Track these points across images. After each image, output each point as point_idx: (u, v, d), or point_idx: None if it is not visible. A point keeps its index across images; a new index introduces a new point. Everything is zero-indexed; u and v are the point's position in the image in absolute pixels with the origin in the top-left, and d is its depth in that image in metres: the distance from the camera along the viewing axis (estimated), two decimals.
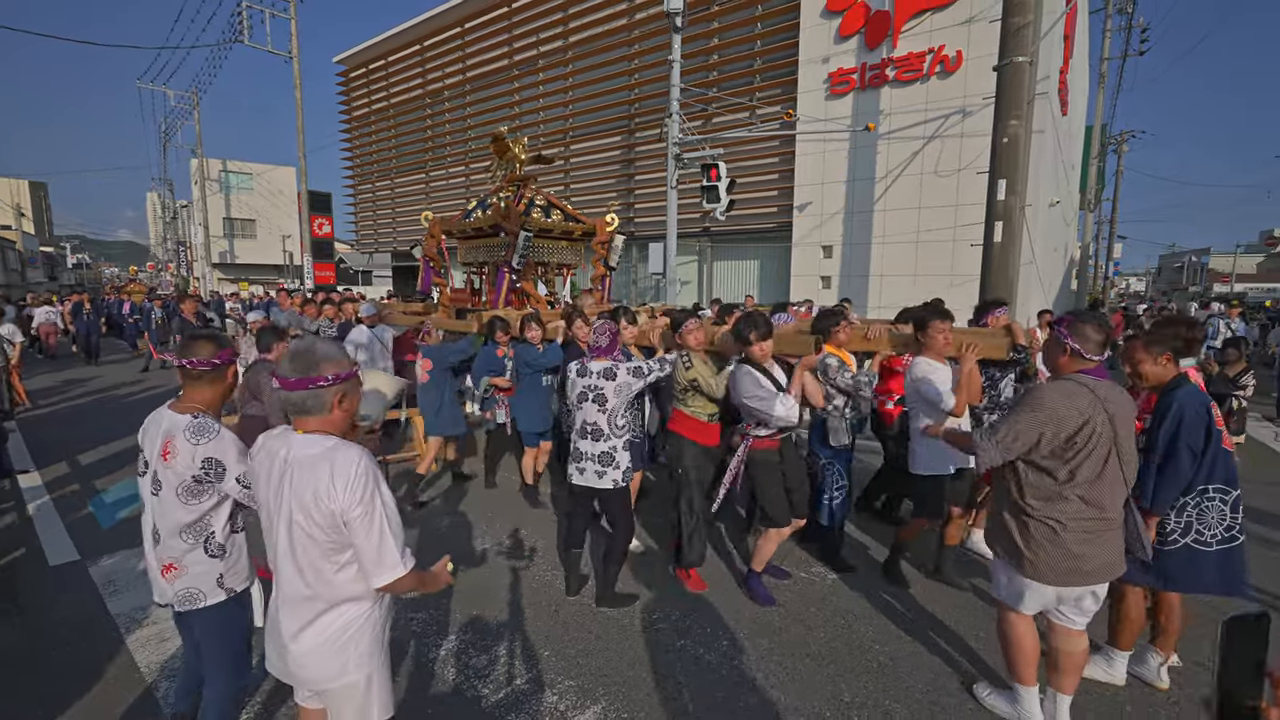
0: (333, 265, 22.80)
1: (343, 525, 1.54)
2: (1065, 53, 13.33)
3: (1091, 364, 2.29)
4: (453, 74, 20.60)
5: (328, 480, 1.52)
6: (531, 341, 4.86)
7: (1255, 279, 43.60)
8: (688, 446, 3.62)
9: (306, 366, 1.57)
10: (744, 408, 3.32)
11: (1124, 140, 26.59)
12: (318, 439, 1.59)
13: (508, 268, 6.11)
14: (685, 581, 3.70)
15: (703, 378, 3.51)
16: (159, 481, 1.95)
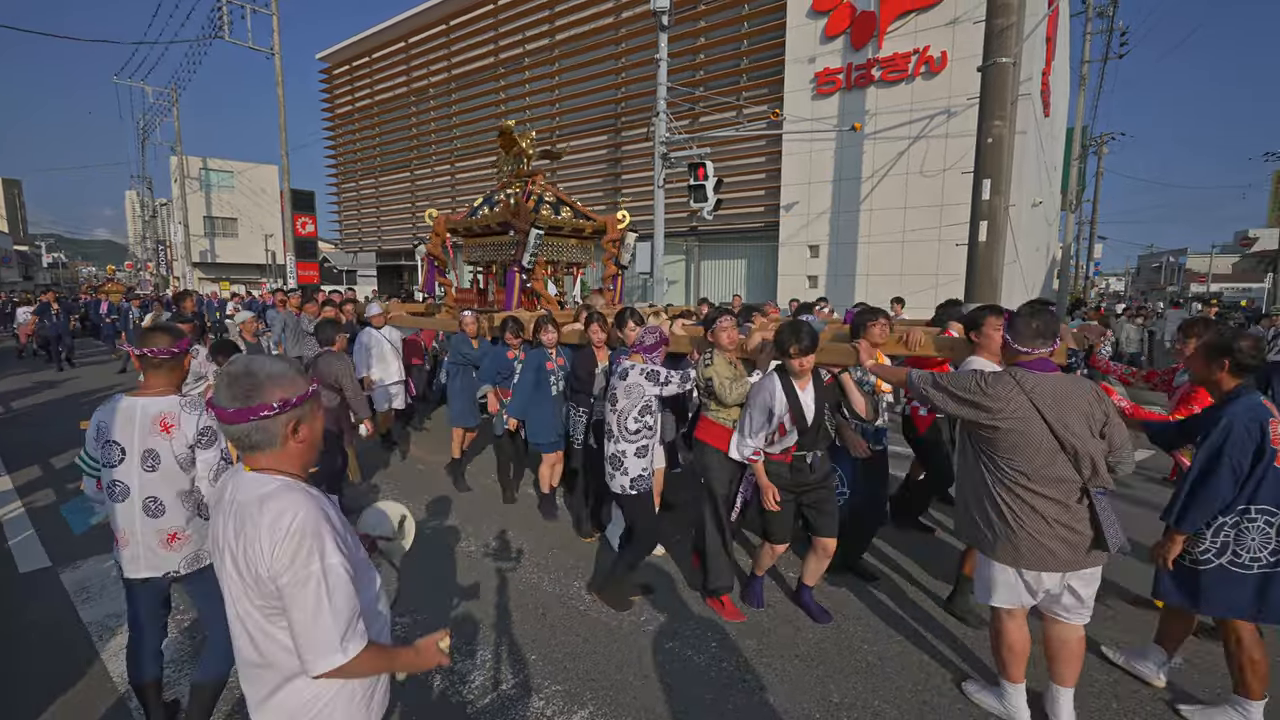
0: (316, 265, 22.49)
1: (274, 592, 1.24)
2: (1047, 55, 13.49)
3: (1028, 356, 2.32)
4: (438, 72, 20.41)
5: (255, 533, 1.23)
6: (547, 345, 4.66)
7: (1230, 279, 44.50)
8: (712, 455, 3.39)
9: (247, 392, 1.25)
10: (745, 413, 3.22)
11: (1104, 142, 27.00)
12: (263, 479, 1.29)
13: (518, 267, 5.89)
14: (719, 611, 3.37)
15: (718, 377, 3.33)
16: (156, 457, 2.18)
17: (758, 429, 3.14)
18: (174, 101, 28.70)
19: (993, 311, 3.17)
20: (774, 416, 3.08)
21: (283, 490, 1.27)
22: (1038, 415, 2.23)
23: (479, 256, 6.75)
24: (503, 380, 4.93)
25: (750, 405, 3.18)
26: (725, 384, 3.32)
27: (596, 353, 4.36)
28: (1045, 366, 2.32)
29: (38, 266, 50.56)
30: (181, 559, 2.27)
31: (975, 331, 3.16)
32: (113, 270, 39.54)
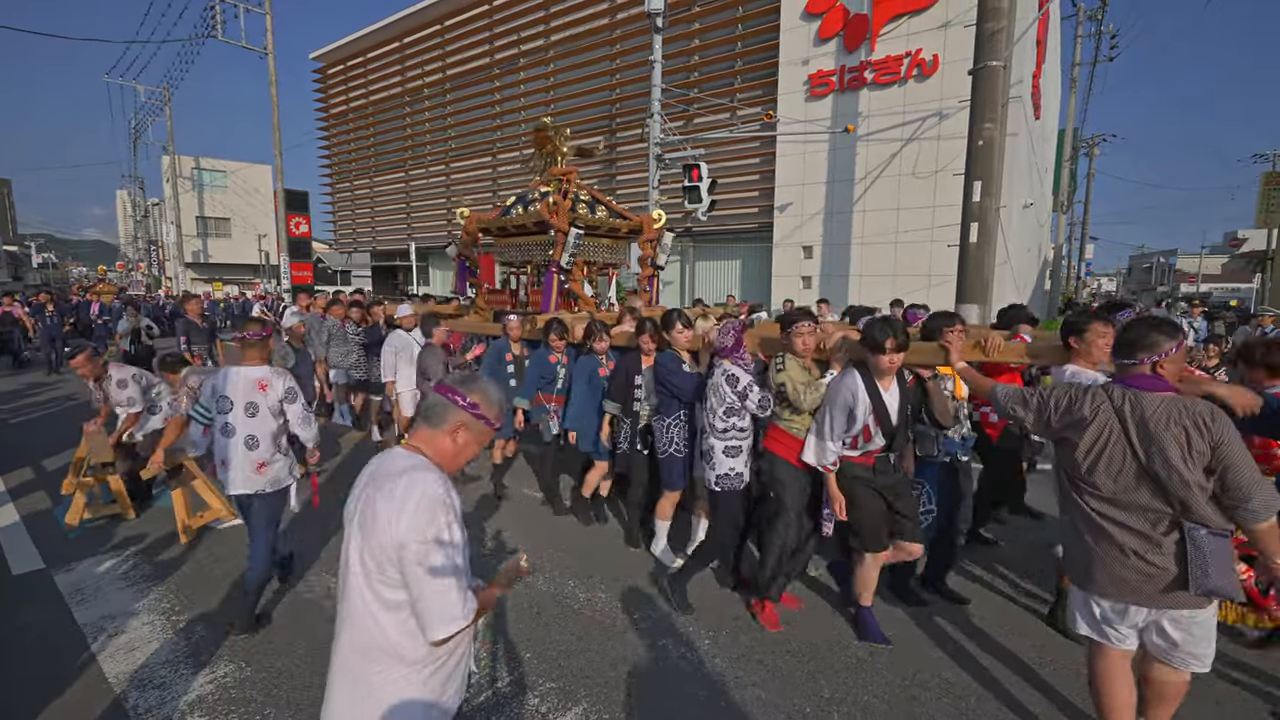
0: (310, 265, 22.41)
1: (396, 559, 1.37)
2: (1038, 58, 13.61)
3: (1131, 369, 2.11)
4: (432, 72, 20.40)
5: (388, 501, 1.37)
6: (599, 352, 4.47)
7: (1220, 279, 44.88)
8: (782, 466, 3.23)
9: (465, 382, 1.53)
10: (821, 412, 3.06)
11: (1095, 144, 27.25)
12: (409, 455, 1.48)
13: (556, 268, 5.71)
14: (758, 614, 3.32)
15: (791, 382, 3.13)
16: (255, 408, 3.19)
17: (839, 432, 2.97)
18: (166, 101, 28.57)
19: (1098, 318, 2.97)
20: (856, 418, 2.92)
21: (421, 467, 1.44)
22: (1122, 436, 2.03)
23: (512, 257, 6.54)
24: (545, 385, 4.77)
25: (828, 406, 3.00)
26: (800, 389, 3.12)
27: (644, 359, 4.16)
28: (1153, 384, 2.04)
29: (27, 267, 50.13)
30: (266, 481, 3.22)
31: (1076, 337, 2.94)
32: (104, 270, 39.24)
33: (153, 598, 3.54)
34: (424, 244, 21.71)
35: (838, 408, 2.95)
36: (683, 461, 3.81)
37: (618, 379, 4.21)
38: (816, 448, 3.08)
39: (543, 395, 4.80)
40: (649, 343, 4.09)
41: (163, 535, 4.36)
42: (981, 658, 3.02)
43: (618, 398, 4.18)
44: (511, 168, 18.78)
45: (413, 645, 1.43)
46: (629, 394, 4.13)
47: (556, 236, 5.64)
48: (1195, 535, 1.95)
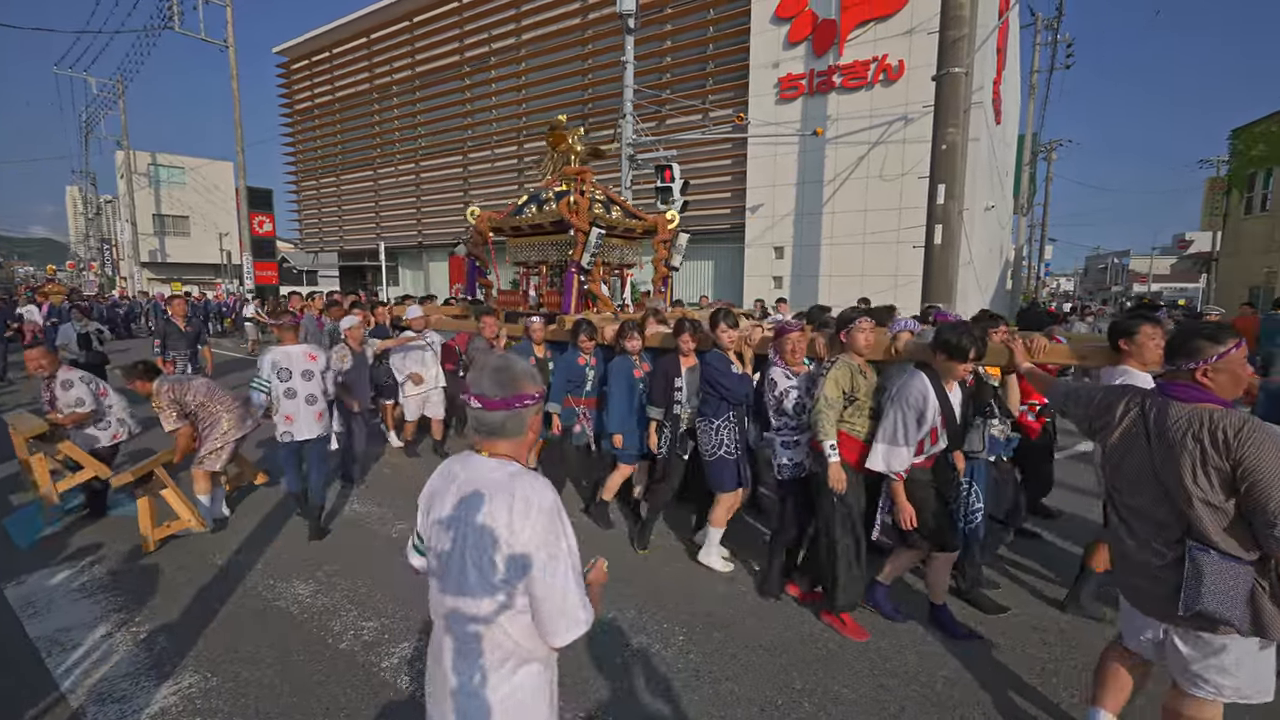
0: (275, 265, 21.87)
1: (521, 569, 1.34)
2: (998, 64, 14.04)
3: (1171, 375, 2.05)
4: (401, 69, 20.08)
5: (507, 514, 1.34)
6: (633, 352, 4.34)
7: (1169, 279, 46.92)
8: (844, 470, 3.16)
9: (511, 382, 1.40)
10: (887, 415, 3.01)
11: (1053, 148, 28.20)
12: (503, 464, 1.41)
13: (576, 268, 5.62)
14: (840, 629, 3.21)
15: (833, 381, 3.12)
16: (309, 374, 4.30)
17: (913, 436, 2.92)
18: (120, 94, 27.52)
19: (1148, 320, 2.93)
20: (925, 421, 2.89)
21: (527, 474, 1.40)
22: (1145, 443, 1.98)
23: (525, 256, 6.39)
24: (574, 388, 4.67)
25: (898, 408, 2.94)
26: (826, 395, 3.11)
27: (683, 360, 4.06)
28: (1186, 392, 1.93)
29: None
30: (322, 427, 4.42)
31: (1126, 339, 2.90)
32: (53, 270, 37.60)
33: (111, 609, 3.43)
34: (393, 244, 21.36)
35: (910, 411, 2.90)
36: (734, 463, 3.73)
37: (657, 382, 4.07)
38: (886, 454, 2.98)
39: (572, 398, 4.69)
40: (689, 343, 4.00)
41: (121, 545, 4.22)
42: (950, 645, 3.12)
43: (660, 402, 4.05)
44: (482, 167, 18.60)
45: (536, 646, 1.43)
46: (670, 397, 4.02)
47: (576, 236, 5.55)
48: (1195, 554, 1.86)
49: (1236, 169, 20.84)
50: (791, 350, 3.42)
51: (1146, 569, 2.00)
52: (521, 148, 17.57)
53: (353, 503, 5.10)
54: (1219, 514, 1.83)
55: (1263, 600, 1.82)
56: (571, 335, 4.67)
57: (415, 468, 6.09)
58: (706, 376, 3.72)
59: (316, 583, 3.74)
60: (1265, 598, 1.81)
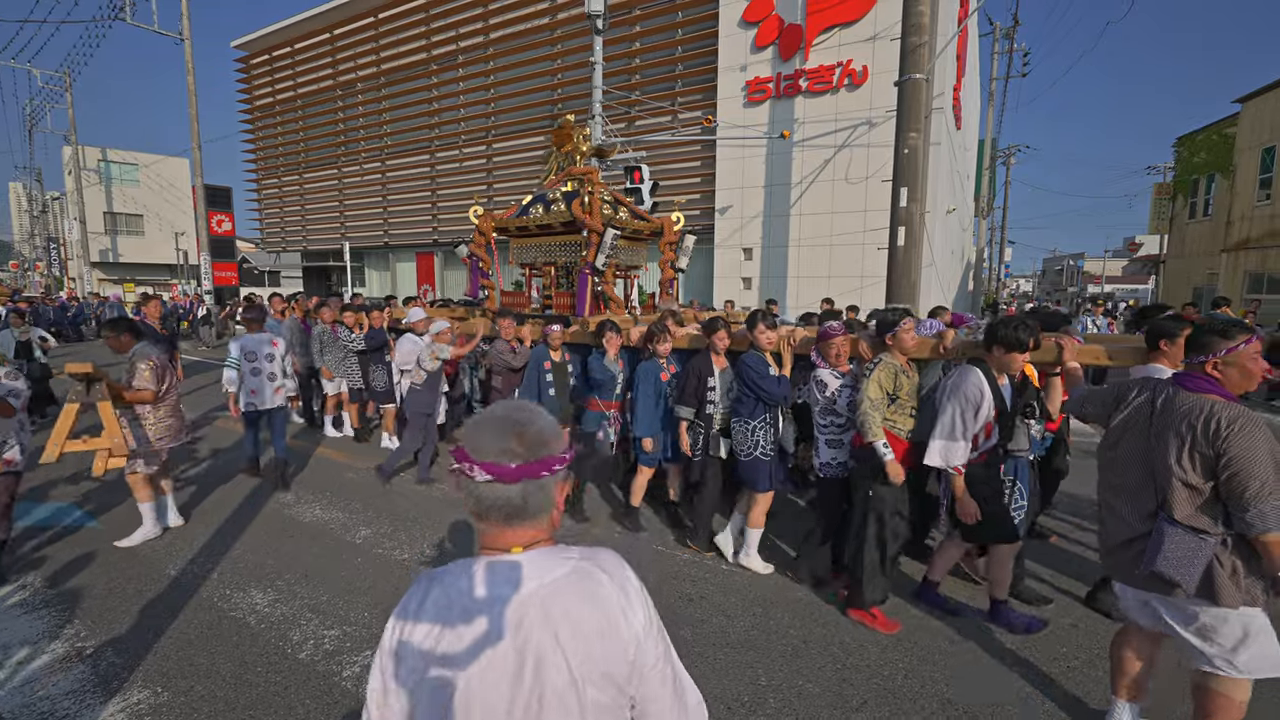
0: (235, 265, 21.22)
1: (638, 674, 0.99)
2: (958, 71, 14.44)
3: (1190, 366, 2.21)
4: (366, 65, 19.70)
5: (614, 608, 0.97)
6: (661, 355, 4.28)
7: (1121, 281, 48.85)
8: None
9: (534, 442, 0.97)
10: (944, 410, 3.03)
11: (1011, 153, 29.14)
12: (553, 554, 1.01)
13: (589, 269, 5.53)
14: (869, 623, 3.25)
15: (875, 383, 3.17)
16: (272, 356, 5.22)
17: (971, 430, 2.94)
18: (67, 87, 26.37)
19: (1188, 324, 3.00)
20: (980, 416, 2.93)
21: (593, 553, 1.03)
22: (1146, 425, 2.18)
23: (531, 257, 6.29)
24: (602, 392, 4.57)
25: (954, 404, 2.97)
26: (870, 407, 3.15)
27: (714, 360, 4.03)
28: (1196, 383, 2.11)
29: None
30: (280, 400, 5.31)
31: (1168, 340, 3.02)
32: None
33: (54, 625, 3.28)
34: (358, 244, 20.93)
35: (968, 405, 2.93)
36: (768, 464, 3.74)
37: (688, 383, 4.01)
38: (944, 449, 3.01)
39: (599, 401, 4.60)
40: (724, 342, 3.98)
41: (65, 557, 4.04)
42: (909, 640, 3.20)
43: (690, 402, 4.00)
44: (449, 166, 18.36)
45: None
46: (702, 397, 3.99)
47: (590, 237, 5.49)
48: (1162, 524, 2.08)
49: (1181, 175, 21.83)
50: (836, 354, 3.48)
51: (1124, 541, 2.20)
52: (490, 148, 17.40)
53: (314, 508, 4.98)
54: (1194, 494, 2.04)
55: (1218, 571, 2.02)
56: (596, 337, 4.59)
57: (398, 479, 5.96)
58: (744, 377, 3.71)
59: (276, 591, 3.64)
60: (1223, 572, 2.02)
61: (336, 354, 6.69)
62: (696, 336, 4.38)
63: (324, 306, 6.85)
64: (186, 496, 5.15)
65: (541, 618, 0.94)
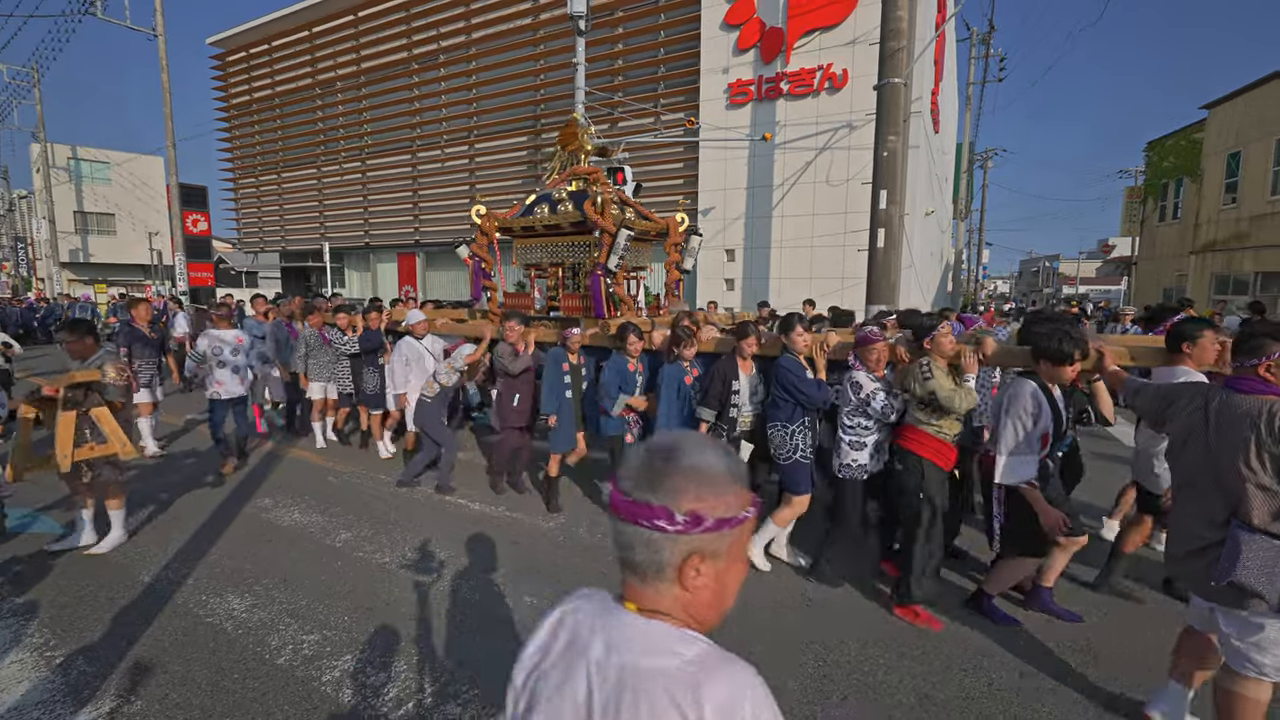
0: (211, 266, 20.82)
1: None
2: (936, 76, 14.67)
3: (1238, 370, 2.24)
4: (346, 64, 19.45)
5: None
6: (686, 358, 4.24)
7: (1095, 282, 49.95)
8: (930, 470, 3.25)
9: (663, 483, 0.79)
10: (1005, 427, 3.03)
11: (989, 157, 29.64)
12: (666, 633, 0.81)
13: (602, 270, 5.41)
14: (912, 620, 3.31)
15: (942, 389, 3.17)
16: (238, 350, 5.69)
17: (1035, 443, 2.96)
18: (35, 83, 25.69)
19: (1210, 325, 3.20)
20: (1039, 427, 2.96)
21: (720, 662, 0.79)
22: (1203, 430, 2.18)
23: (536, 258, 6.16)
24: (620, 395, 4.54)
25: (1013, 418, 2.99)
26: (952, 395, 3.17)
27: (741, 364, 4.00)
28: (1250, 385, 2.13)
29: None
30: (244, 389, 5.77)
31: (1189, 343, 3.12)
32: None
33: (21, 632, 3.20)
34: (338, 244, 20.69)
35: (1028, 417, 2.95)
36: (808, 467, 3.77)
37: (713, 385, 3.98)
38: (1014, 465, 3.00)
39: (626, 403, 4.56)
40: (754, 347, 3.97)
41: (30, 564, 3.94)
42: (886, 635, 3.24)
43: (713, 405, 3.97)
44: (432, 166, 18.22)
45: None
46: (725, 400, 3.97)
47: (603, 238, 5.40)
48: (1237, 531, 2.03)
49: (1151, 179, 22.39)
50: (877, 359, 3.47)
51: (1194, 550, 2.18)
52: (473, 148, 17.29)
53: (293, 512, 4.91)
54: (1271, 496, 2.01)
55: None
56: (618, 339, 4.50)
57: (369, 479, 5.89)
58: (782, 381, 3.70)
59: (253, 596, 3.59)
60: None
61: (323, 358, 6.49)
62: (723, 340, 4.34)
63: (313, 310, 6.60)
64: (161, 502, 5.06)
65: (615, 696, 0.77)
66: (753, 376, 4.04)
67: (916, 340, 3.44)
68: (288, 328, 6.85)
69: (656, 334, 4.66)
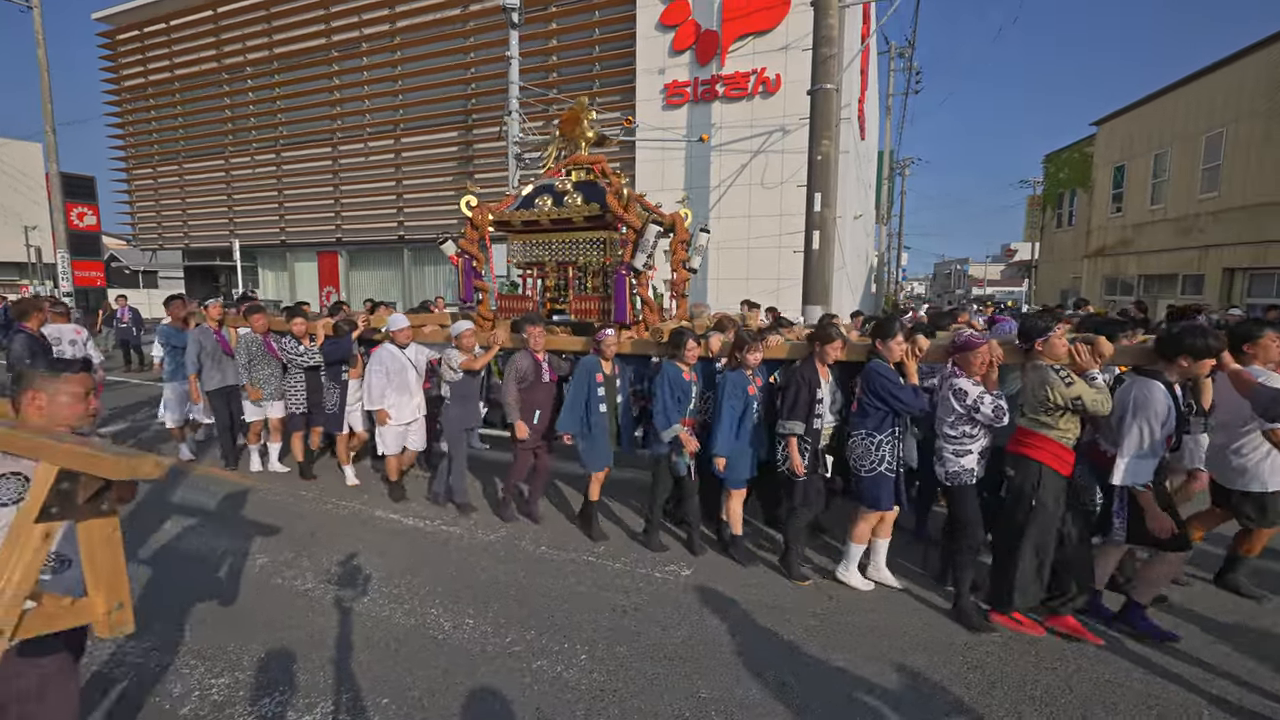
0: (101, 264, 18.93)
1: None
2: (862, 85, 15.27)
3: None
4: (257, 49, 18.12)
5: None
6: (749, 365, 3.88)
7: (1000, 284, 53.81)
8: (1050, 476, 3.12)
9: None
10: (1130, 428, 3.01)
11: (907, 165, 31.29)
12: None
13: (626, 270, 4.88)
14: (1013, 628, 3.24)
15: (1087, 397, 3.01)
16: (74, 342, 5.73)
17: (1159, 447, 2.93)
18: None
19: (1272, 326, 3.30)
20: (1166, 429, 2.93)
21: None
22: None
23: (537, 255, 5.55)
24: (679, 407, 4.08)
25: (1142, 420, 2.97)
26: (1097, 399, 3.01)
27: (821, 370, 3.73)
28: None
29: None
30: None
31: (1251, 343, 3.22)
32: None
33: None
34: (251, 242, 19.26)
35: (1156, 421, 2.94)
36: (892, 481, 3.54)
37: (799, 394, 3.70)
38: (1135, 467, 2.99)
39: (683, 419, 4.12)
40: (837, 351, 3.72)
41: None
42: (842, 634, 3.24)
43: (800, 416, 3.69)
44: (354, 160, 17.28)
45: None
46: (811, 410, 3.68)
47: (627, 234, 4.94)
48: None
49: (1049, 189, 24.28)
50: (981, 363, 3.32)
51: None
52: (398, 142, 16.51)
53: (197, 536, 4.42)
54: None
55: None
56: (673, 346, 4.12)
57: (289, 495, 5.41)
58: (875, 387, 3.48)
59: (150, 636, 3.17)
60: None
61: (265, 370, 5.55)
62: (795, 344, 4.10)
63: (256, 311, 5.61)
64: None
65: None
66: (831, 383, 3.79)
67: (1027, 342, 3.31)
68: (217, 336, 5.79)
69: (714, 339, 4.29)
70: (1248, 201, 12.92)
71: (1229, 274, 13.53)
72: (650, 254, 4.90)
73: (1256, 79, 12.71)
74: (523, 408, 4.56)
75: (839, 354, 3.76)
